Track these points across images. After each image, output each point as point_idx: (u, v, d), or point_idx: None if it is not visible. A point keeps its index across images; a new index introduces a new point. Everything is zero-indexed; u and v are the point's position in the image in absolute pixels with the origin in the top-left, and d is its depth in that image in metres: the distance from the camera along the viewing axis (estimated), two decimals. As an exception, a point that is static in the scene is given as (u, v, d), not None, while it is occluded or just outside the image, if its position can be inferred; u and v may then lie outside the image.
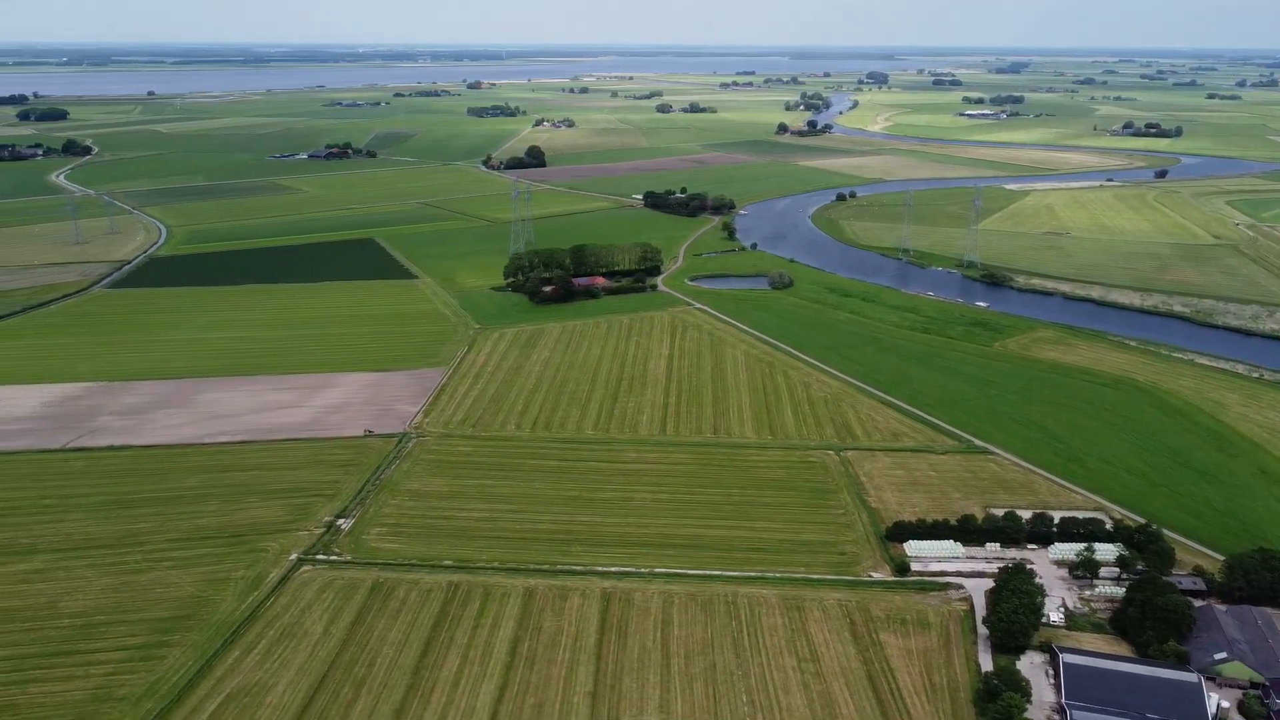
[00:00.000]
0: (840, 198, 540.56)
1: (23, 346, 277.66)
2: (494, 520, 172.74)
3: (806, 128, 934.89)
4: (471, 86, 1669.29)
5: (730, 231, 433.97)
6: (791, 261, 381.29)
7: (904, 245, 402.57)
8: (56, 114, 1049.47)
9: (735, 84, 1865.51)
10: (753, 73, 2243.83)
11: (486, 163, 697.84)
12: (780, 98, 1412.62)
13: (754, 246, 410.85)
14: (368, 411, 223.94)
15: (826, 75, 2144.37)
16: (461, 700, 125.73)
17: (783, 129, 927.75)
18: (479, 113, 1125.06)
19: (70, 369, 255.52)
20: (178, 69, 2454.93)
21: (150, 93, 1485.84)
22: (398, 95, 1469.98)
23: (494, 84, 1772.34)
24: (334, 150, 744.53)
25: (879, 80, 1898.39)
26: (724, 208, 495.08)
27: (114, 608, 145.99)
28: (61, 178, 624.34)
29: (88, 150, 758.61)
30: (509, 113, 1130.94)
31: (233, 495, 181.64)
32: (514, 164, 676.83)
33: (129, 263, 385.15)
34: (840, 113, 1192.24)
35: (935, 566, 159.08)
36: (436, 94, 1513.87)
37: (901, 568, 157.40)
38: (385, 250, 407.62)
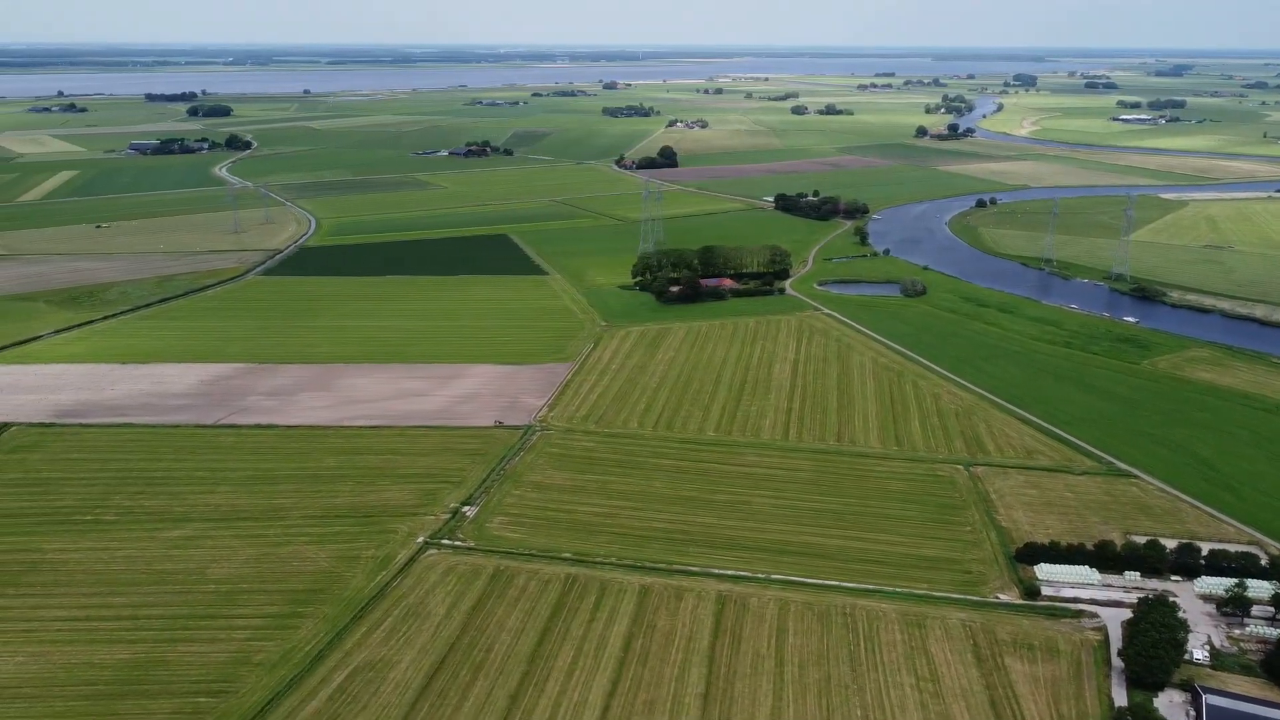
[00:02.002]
0: (980, 204, 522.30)
1: (184, 327, 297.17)
2: (612, 516, 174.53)
3: (947, 131, 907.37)
4: (607, 87, 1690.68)
5: (862, 236, 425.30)
6: (925, 269, 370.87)
7: (1047, 255, 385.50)
8: (221, 110, 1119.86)
9: (874, 85, 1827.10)
10: (892, 74, 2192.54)
11: (619, 162, 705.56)
12: (920, 100, 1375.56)
13: (886, 252, 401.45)
14: (496, 403, 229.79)
15: (970, 77, 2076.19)
16: (575, 692, 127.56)
17: (922, 132, 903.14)
18: (613, 112, 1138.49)
19: (224, 350, 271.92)
20: (332, 69, 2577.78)
21: (306, 91, 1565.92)
22: (536, 95, 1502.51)
23: (629, 84, 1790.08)
24: (473, 148, 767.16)
25: (1026, 82, 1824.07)
26: (857, 212, 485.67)
27: (255, 577, 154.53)
28: (224, 170, 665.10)
29: (248, 145, 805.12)
30: (643, 113, 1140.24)
31: (367, 477, 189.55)
32: (646, 164, 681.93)
33: (281, 252, 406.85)
34: (984, 116, 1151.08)
35: (1068, 592, 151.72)
36: (573, 94, 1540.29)
37: (1031, 591, 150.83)
38: (518, 246, 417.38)
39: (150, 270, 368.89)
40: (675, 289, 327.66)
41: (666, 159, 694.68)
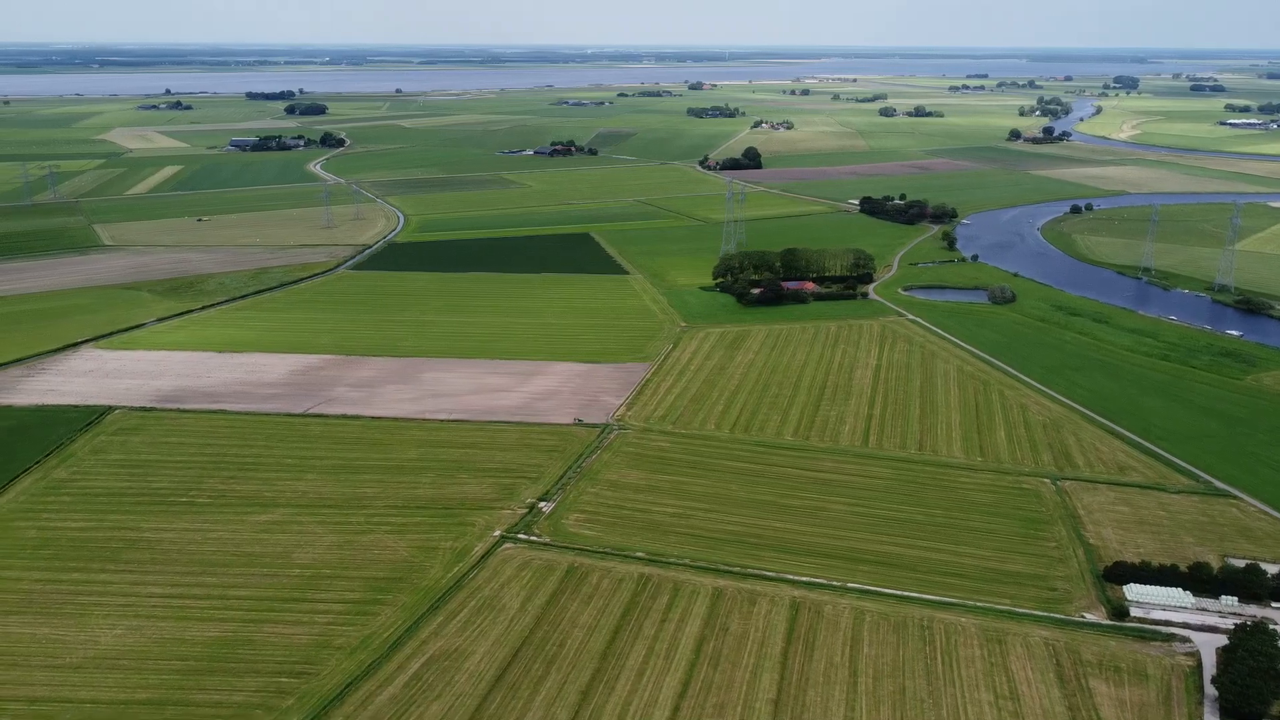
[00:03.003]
0: (1075, 210, 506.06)
1: (277, 318, 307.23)
2: (686, 517, 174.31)
3: (1041, 134, 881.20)
4: (693, 87, 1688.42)
5: (950, 241, 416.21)
6: (1015, 275, 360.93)
7: (1144, 263, 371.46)
8: (317, 109, 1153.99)
9: (965, 87, 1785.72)
10: (985, 76, 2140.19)
11: (703, 163, 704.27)
12: (1014, 102, 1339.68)
13: (974, 258, 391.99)
14: (574, 401, 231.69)
15: (1067, 79, 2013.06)
16: (645, 691, 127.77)
17: (1015, 135, 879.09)
18: (698, 113, 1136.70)
19: (314, 341, 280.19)
20: (423, 69, 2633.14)
21: (398, 90, 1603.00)
22: (621, 95, 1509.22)
23: (715, 85, 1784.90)
24: (558, 147, 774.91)
25: (1127, 85, 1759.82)
26: (944, 216, 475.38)
27: (337, 563, 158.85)
28: (318, 167, 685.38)
29: (341, 142, 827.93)
30: (728, 114, 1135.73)
31: (446, 470, 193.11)
32: (730, 165, 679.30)
33: (370, 247, 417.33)
34: (1080, 119, 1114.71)
35: (1159, 614, 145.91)
36: (658, 94, 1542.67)
37: (1119, 611, 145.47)
38: (600, 246, 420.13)
39: (247, 263, 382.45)
40: (756, 291, 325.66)
41: (750, 160, 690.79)
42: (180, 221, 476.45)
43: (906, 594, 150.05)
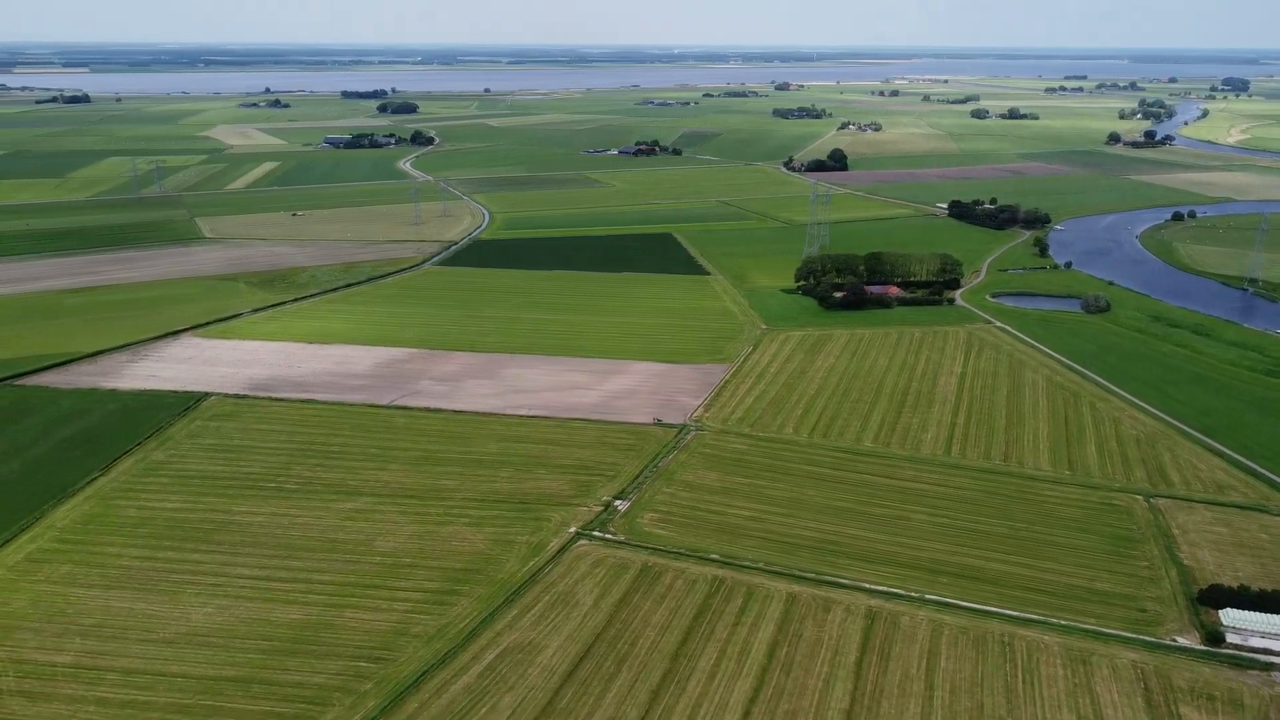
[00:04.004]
0: (1176, 217, 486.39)
1: (365, 312, 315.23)
2: (761, 521, 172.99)
3: (1142, 138, 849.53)
4: (779, 87, 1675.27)
5: (1042, 247, 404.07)
6: (1110, 284, 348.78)
7: (1251, 274, 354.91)
8: (408, 107, 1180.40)
9: (1063, 89, 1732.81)
10: (1084, 77, 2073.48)
11: (788, 164, 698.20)
12: (1114, 104, 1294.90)
13: (1067, 265, 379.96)
14: (652, 400, 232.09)
15: (1172, 80, 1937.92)
16: (716, 694, 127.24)
17: (1114, 139, 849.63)
18: (784, 114, 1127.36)
19: (400, 335, 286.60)
20: (511, 68, 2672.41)
21: (486, 90, 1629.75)
22: (706, 95, 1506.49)
23: (802, 85, 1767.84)
24: (642, 147, 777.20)
25: (1237, 87, 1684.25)
26: (1037, 221, 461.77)
27: (417, 552, 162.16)
28: (408, 164, 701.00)
29: (430, 141, 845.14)
30: (814, 115, 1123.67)
31: (525, 465, 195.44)
32: (815, 166, 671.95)
33: (456, 243, 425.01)
34: (1185, 122, 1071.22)
35: (1257, 642, 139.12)
36: (744, 94, 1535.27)
37: (1214, 637, 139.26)
38: (682, 246, 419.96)
39: (338, 257, 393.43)
40: (839, 294, 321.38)
41: (836, 162, 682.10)
42: (276, 216, 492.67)
43: (987, 608, 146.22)
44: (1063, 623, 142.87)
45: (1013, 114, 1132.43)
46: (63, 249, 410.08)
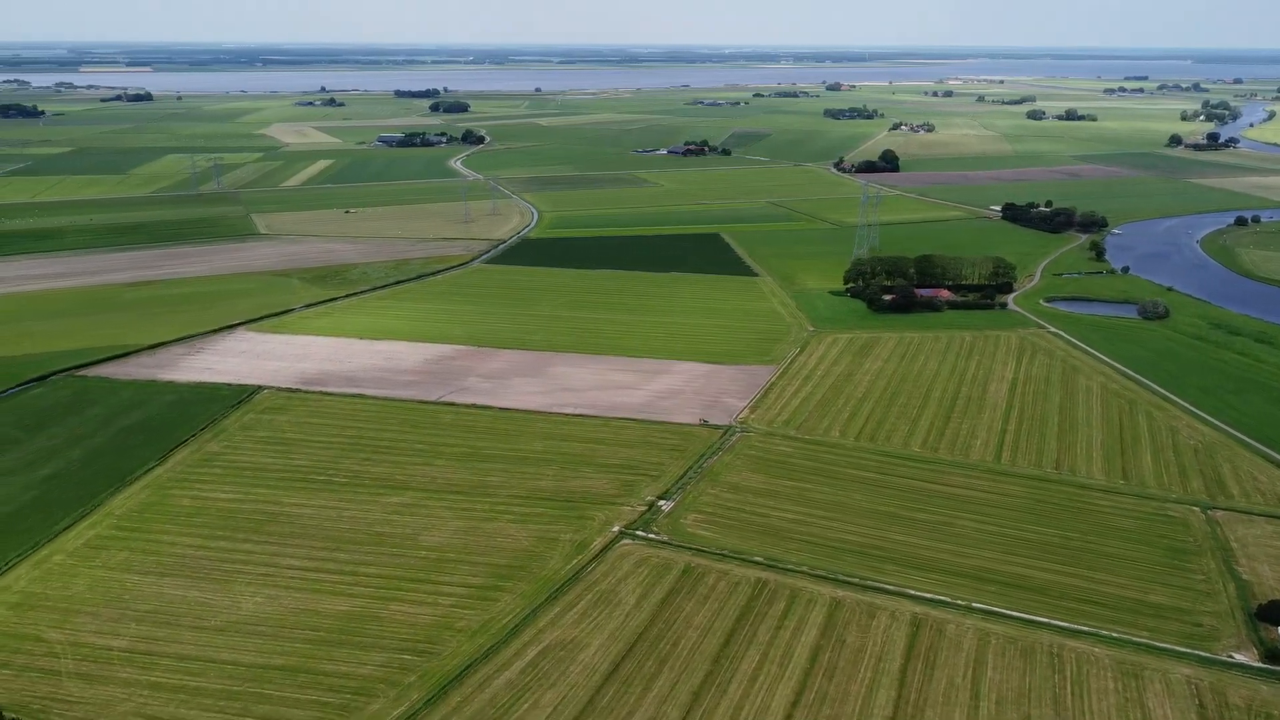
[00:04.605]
0: (1240, 221, 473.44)
1: (415, 308, 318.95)
2: (806, 524, 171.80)
3: (1205, 141, 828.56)
4: (830, 88, 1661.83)
5: (1098, 251, 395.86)
6: (1169, 290, 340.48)
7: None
8: (460, 107, 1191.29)
9: (1122, 90, 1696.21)
10: (1145, 78, 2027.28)
11: (838, 165, 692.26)
12: (1176, 106, 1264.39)
13: (1125, 270, 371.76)
14: (698, 401, 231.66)
15: (1237, 81, 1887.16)
16: (757, 697, 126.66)
17: (1175, 141, 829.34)
18: (835, 114, 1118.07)
19: (448, 332, 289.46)
20: (562, 68, 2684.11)
21: (537, 89, 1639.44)
22: (757, 95, 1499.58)
23: (853, 85, 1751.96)
24: (691, 147, 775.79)
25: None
26: (1094, 225, 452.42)
27: (462, 548, 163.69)
28: (458, 163, 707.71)
29: (481, 140, 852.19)
30: (865, 115, 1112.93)
31: (570, 463, 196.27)
32: (866, 167, 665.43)
33: (504, 242, 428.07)
34: (1250, 125, 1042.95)
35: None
36: (794, 94, 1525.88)
37: (1273, 654, 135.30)
38: (730, 247, 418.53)
39: (388, 254, 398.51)
40: (888, 297, 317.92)
41: (887, 163, 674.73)
42: (329, 213, 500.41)
43: (1036, 618, 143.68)
44: (1114, 635, 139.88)
45: (1070, 115, 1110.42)
46: (123, 244, 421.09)
